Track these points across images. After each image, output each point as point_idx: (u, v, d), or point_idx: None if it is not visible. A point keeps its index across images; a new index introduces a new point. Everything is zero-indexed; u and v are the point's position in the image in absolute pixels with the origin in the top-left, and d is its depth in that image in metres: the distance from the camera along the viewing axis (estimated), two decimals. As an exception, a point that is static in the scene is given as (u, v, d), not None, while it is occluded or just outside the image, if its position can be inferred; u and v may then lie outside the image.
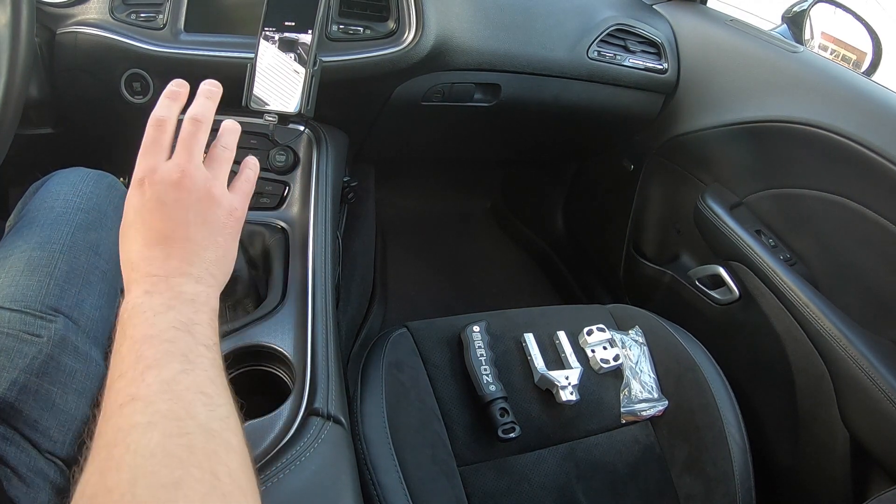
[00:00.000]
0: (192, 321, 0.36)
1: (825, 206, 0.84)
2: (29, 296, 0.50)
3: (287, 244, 0.64)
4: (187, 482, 0.27)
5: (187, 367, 0.33)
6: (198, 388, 0.32)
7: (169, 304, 0.36)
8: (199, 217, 0.41)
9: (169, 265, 0.38)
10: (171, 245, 0.39)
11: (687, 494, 0.73)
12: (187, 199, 0.40)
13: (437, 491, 0.62)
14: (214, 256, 0.41)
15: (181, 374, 0.32)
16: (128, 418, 0.29)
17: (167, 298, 0.36)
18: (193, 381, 0.32)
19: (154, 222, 0.39)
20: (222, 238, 0.42)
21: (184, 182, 0.40)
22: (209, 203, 0.42)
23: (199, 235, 0.41)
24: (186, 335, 0.35)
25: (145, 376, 0.31)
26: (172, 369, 0.32)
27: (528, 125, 1.08)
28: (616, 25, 0.96)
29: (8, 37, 0.52)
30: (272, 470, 0.43)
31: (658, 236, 1.17)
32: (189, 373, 0.33)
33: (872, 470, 0.78)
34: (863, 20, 1.01)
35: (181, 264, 0.39)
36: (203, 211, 0.41)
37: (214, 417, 0.31)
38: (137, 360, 0.32)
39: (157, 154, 0.41)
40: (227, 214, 0.43)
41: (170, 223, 0.39)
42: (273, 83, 0.60)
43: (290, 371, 0.52)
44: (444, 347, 0.75)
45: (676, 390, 0.78)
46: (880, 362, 0.73)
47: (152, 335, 0.34)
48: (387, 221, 1.44)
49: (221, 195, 0.43)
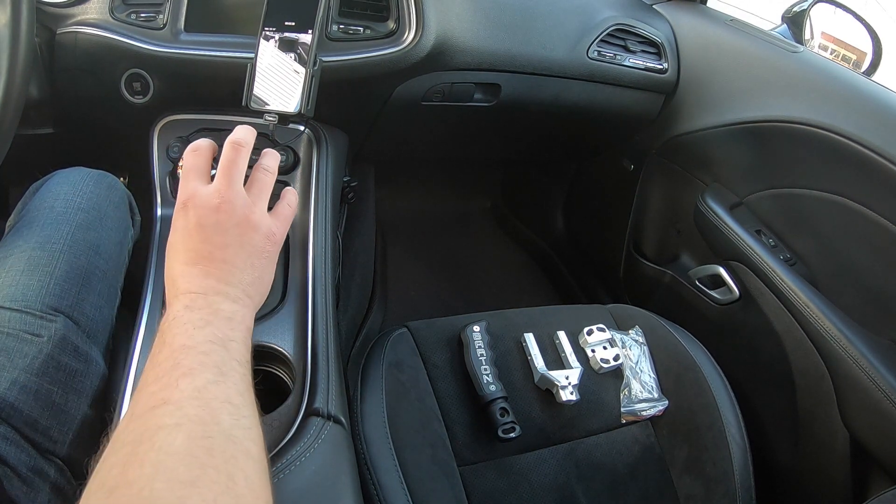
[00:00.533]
0: (227, 337, 0.38)
1: (825, 206, 0.84)
2: (29, 295, 0.50)
3: (287, 244, 0.64)
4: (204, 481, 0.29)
5: (219, 379, 0.35)
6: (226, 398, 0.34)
7: (207, 320, 0.38)
8: (237, 241, 0.43)
9: (206, 283, 0.40)
10: (209, 265, 0.41)
11: (687, 494, 0.73)
12: (226, 224, 0.43)
13: (437, 491, 0.62)
14: (251, 278, 0.43)
15: (212, 383, 0.34)
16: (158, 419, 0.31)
17: (205, 314, 0.38)
18: (223, 391, 0.34)
19: (194, 243, 0.42)
20: (259, 261, 0.45)
21: (223, 207, 0.43)
22: (247, 228, 0.44)
23: (237, 258, 0.43)
24: (222, 349, 0.37)
25: (179, 383, 0.33)
26: (205, 378, 0.34)
27: (528, 125, 1.08)
28: (616, 25, 0.96)
29: (8, 37, 0.52)
30: (272, 470, 0.42)
31: (658, 236, 1.17)
32: (220, 384, 0.34)
33: (872, 470, 0.78)
34: (863, 20, 1.01)
35: (218, 284, 0.41)
36: (241, 235, 0.43)
37: (238, 426, 0.33)
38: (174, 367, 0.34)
39: (197, 178, 0.45)
40: (265, 238, 0.45)
41: (208, 245, 0.42)
42: (273, 83, 0.60)
43: (290, 371, 0.52)
44: (444, 347, 0.75)
45: (676, 390, 0.78)
46: (880, 362, 0.73)
47: (190, 346, 0.36)
48: (387, 221, 1.44)
49: (260, 221, 0.45)
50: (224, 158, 0.45)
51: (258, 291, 0.44)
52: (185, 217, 0.43)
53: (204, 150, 0.47)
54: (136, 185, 0.74)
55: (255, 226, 0.45)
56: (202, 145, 0.47)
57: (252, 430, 0.34)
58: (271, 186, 0.48)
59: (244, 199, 0.45)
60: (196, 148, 0.47)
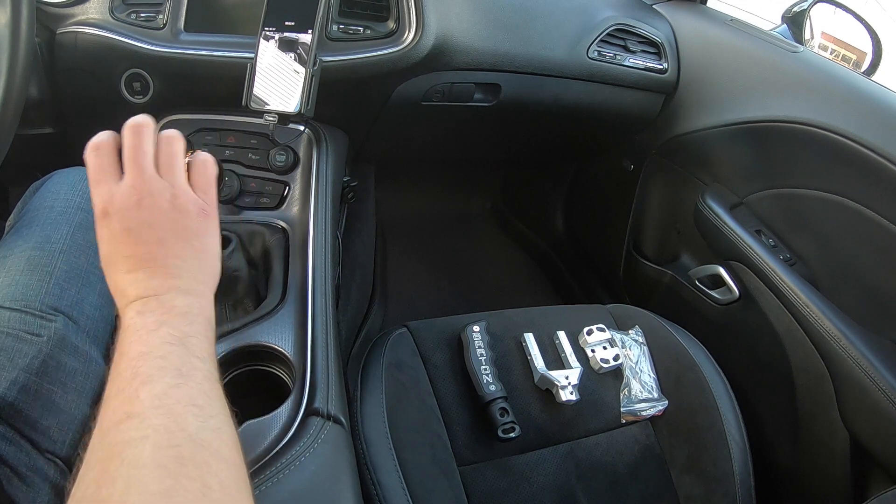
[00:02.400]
0: (186, 334, 0.36)
1: (825, 206, 0.84)
2: (29, 295, 0.50)
3: (287, 244, 0.64)
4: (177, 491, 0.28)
5: (179, 381, 0.33)
6: (189, 400, 0.33)
7: (161, 321, 0.36)
8: (171, 231, 0.40)
9: (154, 284, 0.38)
10: (151, 265, 0.39)
11: (687, 494, 0.73)
12: (152, 218, 0.40)
13: (437, 491, 0.62)
14: (197, 263, 0.41)
15: (173, 388, 0.33)
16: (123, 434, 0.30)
17: (159, 315, 0.37)
18: (185, 393, 0.33)
19: (128, 249, 0.39)
20: (199, 241, 0.42)
21: (143, 202, 0.40)
22: (175, 213, 0.41)
23: (176, 248, 0.40)
24: (180, 348, 0.35)
25: (139, 392, 0.32)
26: (164, 384, 0.33)
27: (528, 125, 1.08)
28: (616, 25, 0.96)
29: (8, 37, 0.52)
30: (272, 470, 0.43)
31: (658, 236, 1.17)
32: (181, 386, 0.33)
33: (872, 470, 0.78)
34: (863, 20, 1.01)
35: (166, 280, 0.39)
36: (173, 223, 0.40)
37: (205, 429, 0.32)
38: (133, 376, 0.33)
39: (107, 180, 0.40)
40: (197, 215, 0.42)
41: (143, 246, 0.39)
42: (273, 83, 0.60)
43: (289, 371, 0.52)
44: (444, 347, 0.75)
45: (676, 390, 0.78)
46: (880, 362, 0.73)
47: (146, 352, 0.34)
48: (387, 221, 1.44)
49: (185, 201, 0.42)
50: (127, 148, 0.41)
51: (209, 275, 0.42)
52: (108, 226, 0.39)
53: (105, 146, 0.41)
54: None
55: (182, 208, 0.41)
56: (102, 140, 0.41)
57: (222, 429, 0.33)
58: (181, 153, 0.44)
59: (161, 184, 0.41)
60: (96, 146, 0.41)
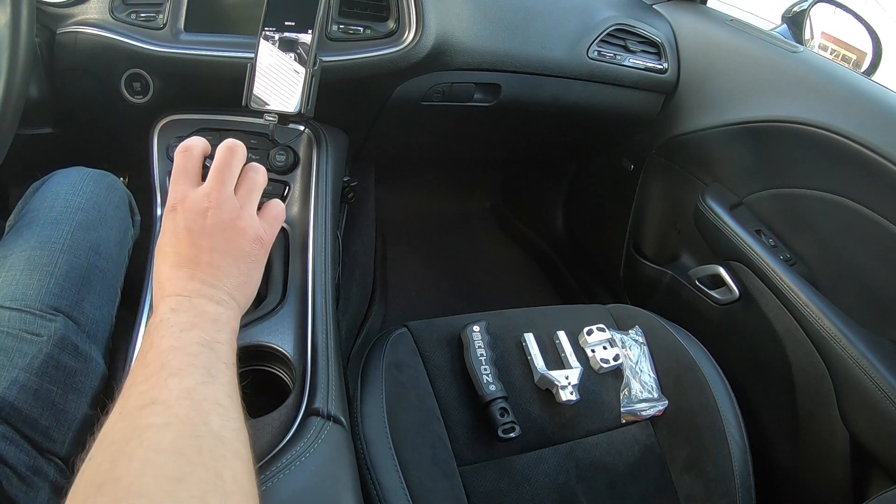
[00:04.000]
0: (214, 339, 0.38)
1: (825, 206, 0.84)
2: (29, 295, 0.50)
3: (287, 244, 0.64)
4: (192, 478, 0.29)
5: (208, 380, 0.35)
6: (215, 399, 0.34)
7: (193, 322, 0.38)
8: (225, 245, 0.43)
9: (192, 286, 0.41)
10: (195, 268, 0.41)
11: (687, 494, 0.73)
12: (213, 228, 0.43)
13: (437, 491, 0.62)
14: (237, 281, 0.43)
15: (202, 385, 0.34)
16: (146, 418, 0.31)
17: (192, 317, 0.39)
18: (212, 392, 0.34)
19: (181, 247, 0.42)
20: (245, 265, 0.44)
21: (211, 211, 0.43)
22: (234, 232, 0.44)
23: (223, 262, 0.43)
24: (209, 351, 0.37)
25: (168, 382, 0.33)
26: (194, 380, 0.34)
27: (528, 125, 1.08)
28: (616, 25, 0.96)
29: (8, 37, 0.52)
30: (272, 470, 0.43)
31: (658, 236, 1.17)
32: (209, 385, 0.34)
33: (872, 470, 0.78)
34: (863, 20, 1.01)
35: (203, 286, 0.41)
36: (228, 239, 0.43)
37: (227, 427, 0.33)
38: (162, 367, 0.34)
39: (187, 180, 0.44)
40: (253, 242, 0.45)
41: (195, 249, 0.42)
42: (273, 83, 0.60)
43: (290, 371, 0.52)
44: (444, 347, 0.75)
45: (676, 390, 0.78)
46: (880, 362, 0.73)
47: (178, 347, 0.36)
48: (387, 221, 1.44)
49: (248, 225, 0.45)
50: (218, 160, 0.45)
51: (244, 294, 0.44)
52: (173, 220, 0.43)
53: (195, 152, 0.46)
54: (136, 185, 0.74)
55: (243, 230, 0.44)
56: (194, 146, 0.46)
57: (240, 431, 0.34)
58: (262, 187, 0.48)
59: (233, 202, 0.44)
60: (187, 149, 0.46)
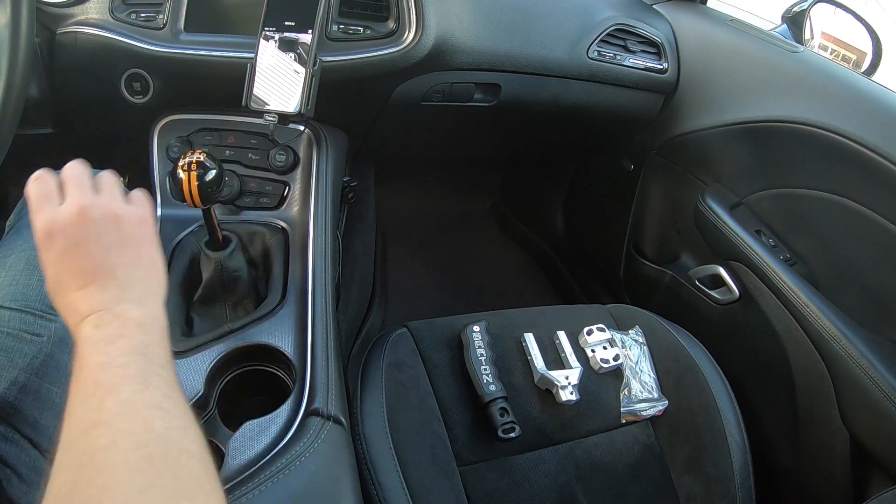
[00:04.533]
0: (144, 343, 0.37)
1: (825, 206, 0.84)
2: (29, 295, 0.50)
3: (287, 244, 0.64)
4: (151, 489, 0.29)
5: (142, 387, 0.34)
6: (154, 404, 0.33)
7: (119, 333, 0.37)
8: (115, 241, 0.41)
9: (107, 296, 0.38)
10: (101, 278, 0.39)
11: (687, 494, 0.73)
12: (96, 229, 0.40)
13: (437, 491, 0.62)
14: (144, 272, 0.41)
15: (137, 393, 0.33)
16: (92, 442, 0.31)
17: (115, 327, 0.37)
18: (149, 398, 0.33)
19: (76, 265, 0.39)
20: (144, 250, 0.43)
21: (85, 213, 0.40)
22: (116, 223, 0.42)
23: (122, 258, 0.41)
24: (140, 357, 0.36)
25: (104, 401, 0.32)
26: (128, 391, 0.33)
27: (528, 125, 1.08)
28: (616, 25, 0.96)
29: (8, 37, 0.52)
30: (272, 470, 0.43)
31: (658, 236, 1.17)
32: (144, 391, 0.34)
33: (872, 470, 0.78)
34: (863, 20, 1.01)
35: (118, 291, 0.39)
36: (115, 232, 0.41)
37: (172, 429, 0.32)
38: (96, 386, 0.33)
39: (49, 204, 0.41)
40: (138, 225, 0.43)
41: (91, 259, 0.39)
42: (273, 83, 0.60)
43: (290, 371, 0.52)
44: (444, 347, 0.75)
45: (676, 390, 0.78)
46: (880, 362, 0.73)
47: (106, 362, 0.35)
48: (387, 221, 1.44)
49: (124, 212, 0.43)
50: (67, 173, 0.43)
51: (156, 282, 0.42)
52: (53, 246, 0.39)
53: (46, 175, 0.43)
54: (136, 185, 0.74)
55: (124, 218, 0.42)
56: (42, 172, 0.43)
57: (187, 428, 0.33)
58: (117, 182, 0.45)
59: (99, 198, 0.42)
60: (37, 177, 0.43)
